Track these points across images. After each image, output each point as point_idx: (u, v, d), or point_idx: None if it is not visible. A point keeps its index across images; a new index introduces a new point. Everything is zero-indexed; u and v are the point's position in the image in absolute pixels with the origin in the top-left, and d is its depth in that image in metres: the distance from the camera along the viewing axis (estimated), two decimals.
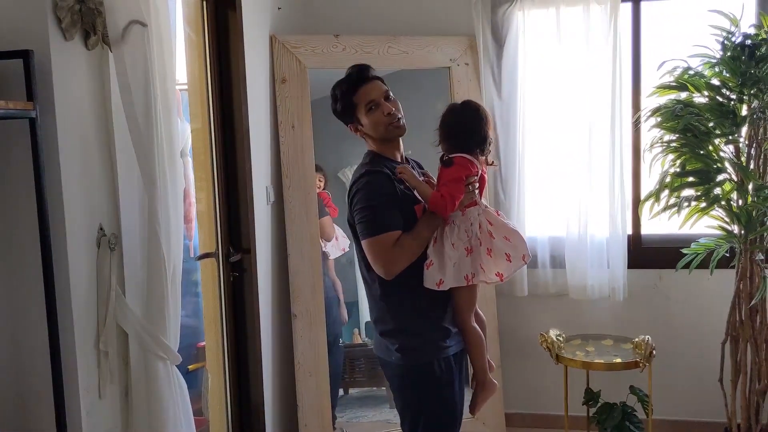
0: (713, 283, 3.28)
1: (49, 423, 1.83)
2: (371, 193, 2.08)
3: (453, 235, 2.13)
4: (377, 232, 2.05)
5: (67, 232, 1.84)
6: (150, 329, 2.00)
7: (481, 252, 2.12)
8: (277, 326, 3.29)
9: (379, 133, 2.17)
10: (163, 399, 2.02)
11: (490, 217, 2.17)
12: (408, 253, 2.07)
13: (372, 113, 2.15)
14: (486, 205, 2.23)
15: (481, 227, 2.14)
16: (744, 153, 2.98)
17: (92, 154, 1.95)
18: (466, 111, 2.20)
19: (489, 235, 2.13)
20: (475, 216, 2.15)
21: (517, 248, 2.15)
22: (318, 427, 3.26)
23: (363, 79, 2.18)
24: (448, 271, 2.11)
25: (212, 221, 2.96)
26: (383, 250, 2.04)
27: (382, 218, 2.06)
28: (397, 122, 2.17)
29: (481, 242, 2.13)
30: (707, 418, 3.50)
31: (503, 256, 2.13)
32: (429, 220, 2.12)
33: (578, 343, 3.42)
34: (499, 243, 2.13)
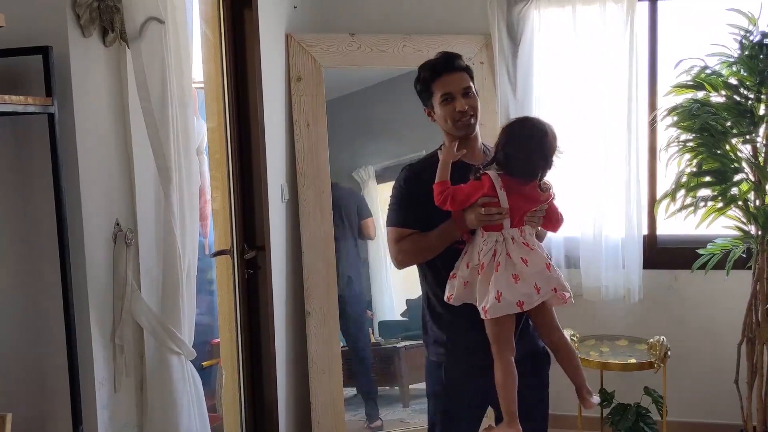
0: (729, 284, 3.24)
1: (65, 416, 1.85)
2: (398, 187, 2.20)
3: (468, 255, 2.06)
4: (389, 225, 2.20)
5: (84, 227, 1.86)
6: (165, 324, 2.02)
7: (478, 281, 2.01)
8: (291, 324, 3.30)
9: (446, 126, 2.14)
10: (177, 393, 2.04)
11: (512, 250, 2.00)
12: (413, 252, 2.16)
13: (445, 105, 2.10)
14: (516, 235, 2.02)
15: (495, 256, 2.00)
16: (762, 153, 2.95)
17: (109, 149, 1.97)
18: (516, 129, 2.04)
19: (495, 267, 1.99)
20: (492, 242, 2.01)
21: (516, 292, 1.97)
22: (331, 425, 3.27)
23: (448, 69, 2.13)
24: (457, 288, 2.04)
25: (227, 219, 2.97)
26: (391, 241, 2.19)
27: (396, 213, 2.18)
28: (465, 120, 2.11)
29: (484, 270, 2.00)
30: (722, 420, 3.47)
31: (494, 294, 1.97)
32: (443, 229, 2.09)
33: (593, 343, 3.40)
34: (500, 278, 1.97)
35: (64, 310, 1.81)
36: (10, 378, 1.89)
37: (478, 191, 2.00)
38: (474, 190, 2.00)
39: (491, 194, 1.99)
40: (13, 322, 1.90)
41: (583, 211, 3.52)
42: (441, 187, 2.03)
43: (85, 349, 1.87)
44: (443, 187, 2.02)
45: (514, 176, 1.99)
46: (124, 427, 2.01)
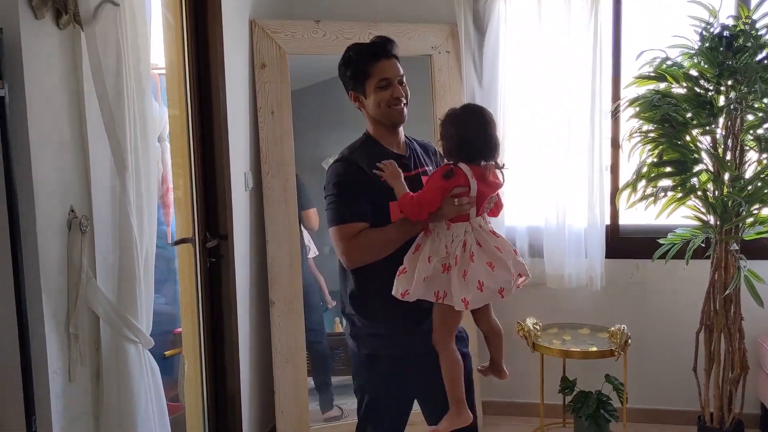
0: (689, 273, 3.30)
1: (18, 406, 1.81)
2: (339, 181, 2.06)
3: (432, 248, 2.00)
4: (339, 221, 2.04)
5: (36, 214, 1.82)
6: (121, 312, 1.99)
7: (454, 273, 1.97)
8: (254, 313, 3.28)
9: (378, 112, 2.09)
10: (134, 382, 2.01)
11: (481, 238, 1.99)
12: (370, 248, 2.04)
13: (381, 91, 2.07)
14: (483, 223, 2.04)
15: (465, 246, 1.97)
16: (720, 144, 3.00)
17: (63, 134, 1.92)
18: (467, 117, 2.03)
19: (470, 257, 1.96)
20: (461, 233, 1.99)
21: (497, 279, 1.96)
22: (294, 414, 3.26)
23: (386, 53, 2.10)
24: (416, 283, 1.98)
25: (189, 207, 2.94)
26: (343, 239, 2.03)
27: (345, 207, 2.04)
28: (400, 108, 2.09)
29: (457, 262, 1.96)
30: (681, 406, 3.54)
31: (476, 284, 1.94)
32: (402, 223, 2.03)
33: (555, 331, 3.44)
34: (478, 268, 1.95)
35: (15, 299, 1.77)
36: None
37: (451, 185, 1.96)
38: (447, 186, 1.96)
39: (465, 184, 1.97)
40: None
41: (547, 201, 3.55)
42: (408, 200, 1.98)
43: (37, 338, 1.83)
44: (410, 199, 1.98)
45: (475, 161, 1.99)
46: (78, 418, 1.98)
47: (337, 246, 2.06)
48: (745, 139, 2.96)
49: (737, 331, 3.07)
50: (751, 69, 2.82)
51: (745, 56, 2.86)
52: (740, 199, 2.90)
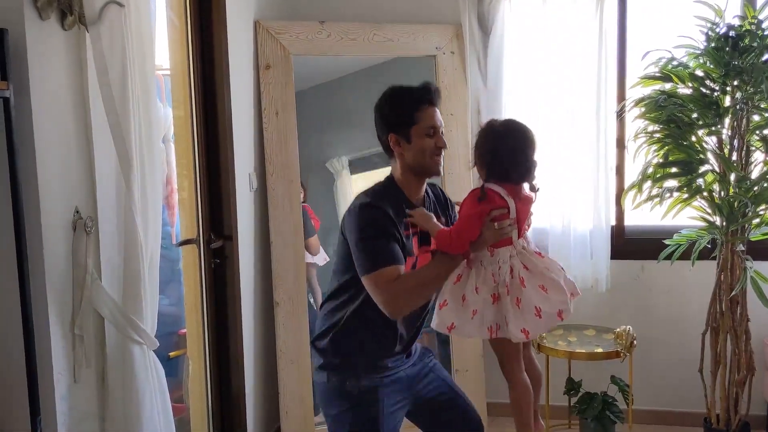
0: (695, 274, 3.29)
1: (23, 407, 1.81)
2: (368, 226, 1.96)
3: (478, 278, 1.88)
4: (374, 268, 1.92)
5: (42, 215, 1.82)
6: (126, 314, 1.98)
7: (507, 302, 1.85)
8: (259, 313, 3.28)
9: (419, 160, 2.02)
10: (139, 383, 2.01)
11: (527, 261, 1.89)
12: (412, 291, 1.91)
13: (428, 139, 2.01)
14: (526, 245, 1.94)
15: (512, 272, 1.87)
16: (726, 144, 2.99)
17: (68, 135, 1.93)
18: (507, 135, 1.92)
19: (520, 283, 1.85)
20: (506, 258, 1.88)
21: (553, 302, 1.86)
22: (299, 415, 3.26)
23: (433, 102, 2.06)
24: (464, 317, 1.88)
25: (194, 208, 2.94)
26: (381, 287, 1.90)
27: (378, 252, 1.93)
28: (440, 158, 2.05)
29: (509, 290, 1.85)
30: (687, 408, 3.52)
31: (532, 310, 1.83)
32: (442, 258, 1.93)
33: (560, 333, 3.43)
34: (531, 293, 1.85)
35: (20, 300, 1.77)
36: None
37: (488, 209, 1.86)
38: (482, 211, 1.86)
39: (502, 205, 1.87)
40: None
41: (552, 203, 3.54)
42: (446, 235, 1.89)
43: (43, 339, 1.83)
44: (448, 234, 1.89)
45: (512, 182, 1.89)
46: (84, 418, 1.98)
47: (377, 295, 1.92)
48: (752, 140, 2.95)
49: (743, 333, 3.05)
50: (757, 69, 2.81)
51: (751, 56, 2.85)
52: (746, 199, 2.89)
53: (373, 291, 1.92)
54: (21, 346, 1.78)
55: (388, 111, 2.07)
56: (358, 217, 1.99)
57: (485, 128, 1.96)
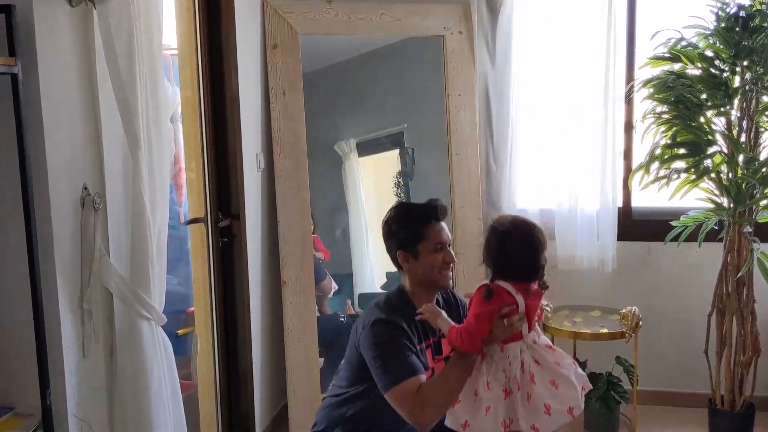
0: (701, 255, 3.28)
1: (33, 381, 1.84)
2: (384, 341, 2.00)
3: (489, 374, 1.88)
4: (395, 382, 1.94)
5: (50, 191, 1.83)
6: (134, 289, 2.00)
7: (518, 398, 1.85)
8: (266, 292, 3.30)
9: (430, 275, 2.09)
10: (147, 358, 2.03)
11: (538, 355, 1.89)
12: (437, 397, 1.91)
13: (435, 254, 2.07)
14: (537, 338, 1.94)
15: (523, 367, 1.87)
16: (735, 125, 2.97)
17: (76, 112, 1.94)
18: (516, 237, 1.89)
19: (531, 379, 1.85)
20: (516, 353, 1.88)
21: (563, 399, 1.84)
22: (306, 393, 3.29)
23: (439, 218, 2.11)
24: (479, 415, 1.86)
25: (201, 187, 2.95)
26: (405, 400, 1.92)
27: (397, 367, 1.96)
28: (449, 272, 2.10)
29: (519, 386, 1.85)
30: (692, 389, 3.54)
31: (542, 408, 1.82)
32: (457, 360, 1.93)
33: (566, 313, 3.44)
34: (541, 390, 1.84)
35: (30, 274, 1.78)
36: None
37: (496, 306, 1.86)
38: (492, 310, 1.86)
39: (510, 302, 1.87)
40: None
41: (559, 183, 3.54)
42: (456, 334, 1.90)
43: (51, 314, 1.85)
44: (458, 332, 1.90)
45: (520, 281, 1.89)
46: (92, 392, 2.01)
47: (403, 408, 1.93)
48: (761, 121, 2.93)
49: (749, 314, 3.06)
50: (767, 49, 2.79)
51: (762, 36, 2.82)
52: (754, 181, 2.88)
53: (397, 403, 1.94)
54: (31, 321, 1.80)
55: (396, 229, 2.12)
56: (374, 334, 2.03)
57: (494, 228, 1.96)
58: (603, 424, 3.31)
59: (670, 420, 3.45)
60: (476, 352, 1.90)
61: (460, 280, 3.41)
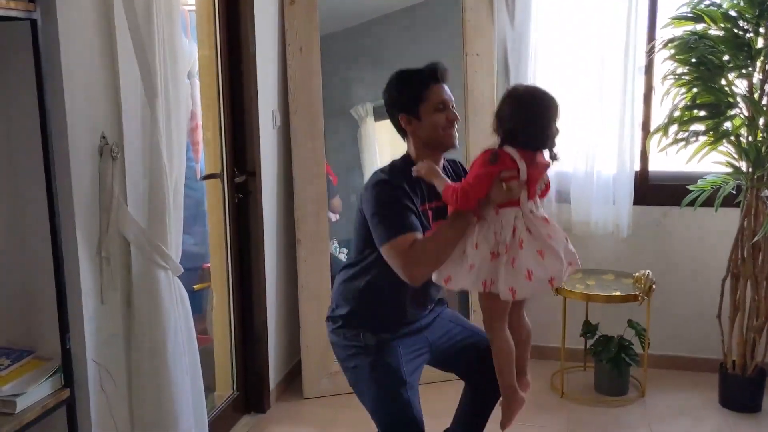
0: (717, 220, 3.27)
1: (53, 326, 1.88)
2: (383, 200, 2.02)
3: (480, 235, 1.90)
4: (390, 237, 1.96)
5: (69, 139, 1.85)
6: (151, 239, 2.03)
7: (503, 261, 1.87)
8: (282, 249, 3.33)
9: (434, 135, 2.07)
10: (164, 307, 2.06)
11: (531, 225, 1.88)
12: (429, 253, 1.92)
13: (438, 113, 2.06)
14: (534, 209, 1.92)
15: (514, 233, 1.87)
16: (757, 88, 2.93)
17: (95, 62, 1.94)
18: (529, 102, 1.90)
19: (519, 244, 1.86)
20: (510, 219, 1.88)
21: (547, 268, 1.86)
22: (320, 349, 3.33)
23: (441, 79, 2.09)
24: (461, 271, 1.90)
25: (217, 143, 2.96)
26: (399, 254, 1.94)
27: (394, 222, 1.98)
28: (454, 131, 2.08)
29: (507, 249, 1.87)
30: (703, 354, 3.54)
31: (524, 272, 1.84)
32: (454, 219, 1.94)
33: (579, 276, 3.44)
34: (527, 256, 1.86)
35: (49, 222, 1.80)
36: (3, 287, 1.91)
37: (498, 170, 1.86)
38: (492, 172, 1.86)
39: (512, 167, 1.86)
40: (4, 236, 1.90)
41: (576, 147, 3.51)
42: (452, 191, 1.90)
43: (71, 261, 1.88)
44: (454, 190, 1.90)
45: (528, 148, 1.88)
46: (110, 339, 2.05)
47: (396, 263, 1.96)
48: None
49: (764, 279, 3.04)
50: None
51: None
52: None
53: (391, 258, 1.96)
54: (51, 267, 1.83)
55: (397, 93, 2.12)
56: (375, 192, 2.04)
57: (508, 93, 1.94)
58: (613, 387, 3.33)
59: (681, 383, 3.46)
60: (474, 213, 1.90)
61: None
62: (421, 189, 2.09)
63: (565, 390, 3.37)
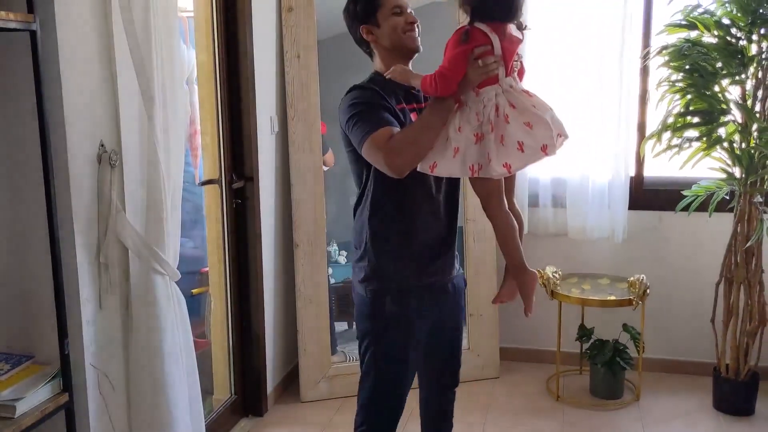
0: (712, 225, 3.30)
1: (52, 332, 1.91)
2: (358, 101, 1.98)
3: (462, 118, 1.85)
4: (368, 133, 1.90)
5: (68, 147, 1.88)
6: (149, 245, 2.06)
7: (491, 139, 1.81)
8: (279, 254, 3.36)
9: (395, 39, 2.03)
10: (161, 312, 2.10)
11: (514, 99, 1.83)
12: (409, 141, 1.85)
13: (395, 17, 2.03)
14: (514, 84, 1.87)
15: (497, 110, 1.82)
16: (750, 95, 2.96)
17: (93, 70, 1.97)
18: None
19: (505, 120, 1.81)
20: (491, 97, 1.82)
21: (537, 137, 1.80)
22: (317, 352, 3.36)
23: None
24: (446, 155, 1.85)
25: (216, 148, 2.99)
26: (379, 148, 1.87)
27: (370, 120, 1.93)
28: (415, 34, 2.05)
29: (493, 128, 1.81)
30: (697, 357, 3.57)
31: (515, 145, 1.79)
32: (433, 105, 1.87)
33: (575, 281, 3.47)
34: (515, 129, 1.80)
35: (48, 229, 1.83)
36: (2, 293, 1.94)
37: (471, 48, 1.79)
38: (466, 50, 1.79)
39: (486, 43, 1.80)
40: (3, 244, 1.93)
41: (572, 152, 3.53)
42: (429, 79, 1.84)
43: (69, 267, 1.91)
44: (431, 78, 1.83)
45: (497, 19, 1.81)
46: (108, 344, 2.08)
47: (376, 158, 1.90)
48: None
49: (757, 283, 3.08)
50: None
51: None
52: (767, 151, 2.87)
53: (371, 155, 1.91)
54: (50, 273, 1.85)
55: (353, 6, 2.10)
56: (348, 99, 2.01)
57: None
58: (608, 390, 3.36)
59: (675, 387, 3.49)
60: (454, 98, 1.86)
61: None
62: (396, 94, 2.04)
63: (560, 393, 3.40)
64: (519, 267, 1.97)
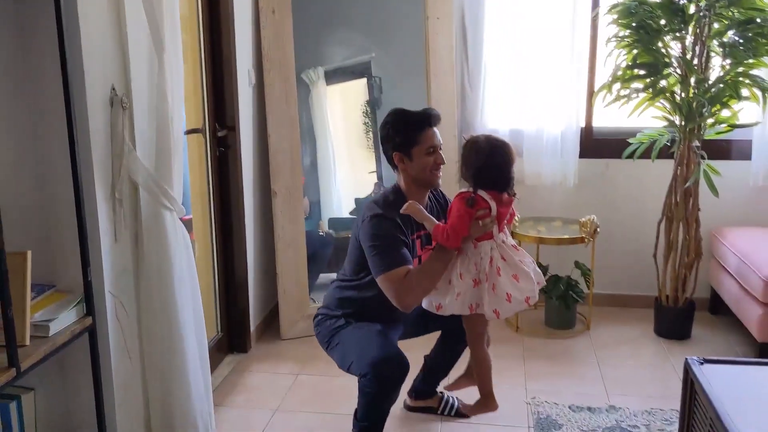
0: (654, 170, 3.63)
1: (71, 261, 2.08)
2: (379, 234, 2.29)
3: (462, 266, 2.24)
4: (385, 269, 2.25)
5: (86, 91, 2.02)
6: (158, 182, 2.22)
7: (485, 288, 2.22)
8: (258, 201, 3.54)
9: (422, 175, 2.35)
10: (169, 245, 2.27)
11: (505, 253, 2.25)
12: (418, 285, 2.23)
13: (428, 156, 2.33)
14: (505, 239, 2.29)
15: (491, 262, 2.23)
16: (689, 50, 3.27)
17: (104, 18, 2.11)
18: (492, 153, 2.22)
19: (497, 272, 2.22)
20: (487, 250, 2.24)
21: (523, 290, 2.23)
22: (295, 293, 3.57)
23: (433, 124, 2.35)
24: (448, 299, 2.24)
25: (199, 99, 3.13)
26: (393, 285, 2.23)
27: (388, 256, 2.27)
28: (439, 173, 2.37)
29: (487, 277, 2.22)
30: (641, 291, 3.94)
31: (504, 296, 2.20)
32: (439, 253, 2.24)
33: (531, 224, 3.77)
34: (505, 281, 2.22)
35: (71, 168, 1.96)
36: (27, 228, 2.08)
37: (474, 210, 2.19)
38: (471, 213, 2.19)
39: (486, 207, 2.20)
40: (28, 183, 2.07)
41: (528, 105, 3.81)
42: (441, 231, 2.21)
43: (90, 201, 2.07)
44: (443, 230, 2.20)
45: (495, 191, 2.22)
46: (123, 273, 2.25)
47: (389, 292, 2.25)
48: (711, 45, 3.24)
49: (694, 221, 3.43)
50: None
51: None
52: (704, 100, 3.20)
53: (386, 288, 2.26)
54: (72, 207, 2.00)
55: (393, 133, 2.37)
56: (372, 227, 2.32)
57: (471, 146, 2.25)
58: (561, 321, 3.69)
59: (621, 317, 3.86)
60: (455, 248, 2.24)
61: None
62: (411, 221, 2.36)
63: (519, 325, 3.71)
64: (488, 394, 2.47)
